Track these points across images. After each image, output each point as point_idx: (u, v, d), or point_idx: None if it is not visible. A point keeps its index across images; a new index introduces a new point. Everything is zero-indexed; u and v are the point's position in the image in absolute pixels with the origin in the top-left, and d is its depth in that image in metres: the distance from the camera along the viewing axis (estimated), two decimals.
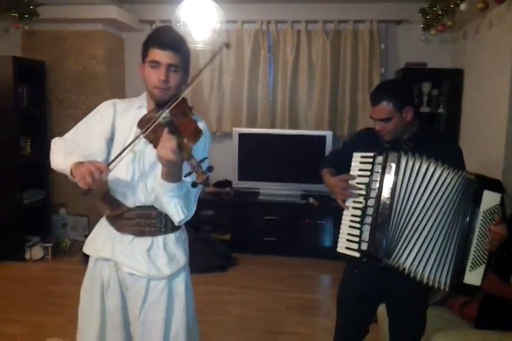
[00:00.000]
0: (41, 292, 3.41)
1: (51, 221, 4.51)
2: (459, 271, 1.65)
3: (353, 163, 1.79)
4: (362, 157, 1.77)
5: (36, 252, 4.15)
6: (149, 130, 1.48)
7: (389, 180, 1.68)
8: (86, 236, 4.41)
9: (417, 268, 1.67)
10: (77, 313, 1.74)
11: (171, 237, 1.68)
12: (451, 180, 1.65)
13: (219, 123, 4.76)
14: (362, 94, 4.49)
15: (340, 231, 1.79)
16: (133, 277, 1.63)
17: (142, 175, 1.61)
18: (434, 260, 1.67)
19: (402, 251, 1.68)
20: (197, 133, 1.44)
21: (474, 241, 1.64)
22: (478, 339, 2.03)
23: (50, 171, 1.75)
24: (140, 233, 1.64)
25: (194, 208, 1.61)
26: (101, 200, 1.70)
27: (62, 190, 4.56)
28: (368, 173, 1.73)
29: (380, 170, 1.69)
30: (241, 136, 4.48)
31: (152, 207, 1.60)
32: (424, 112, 4.27)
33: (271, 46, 4.60)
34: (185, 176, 1.40)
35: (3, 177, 4.02)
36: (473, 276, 1.64)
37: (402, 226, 1.68)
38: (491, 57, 3.46)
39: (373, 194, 1.70)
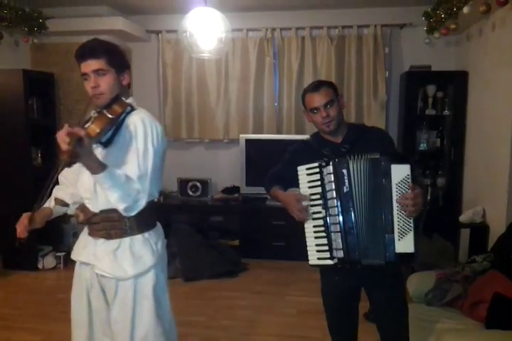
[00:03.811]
0: (54, 300, 3.46)
1: (63, 230, 4.57)
2: (388, 242, 1.71)
3: (300, 177, 1.83)
4: (307, 168, 1.81)
5: (49, 261, 4.21)
6: None
7: (344, 185, 1.74)
8: None
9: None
10: None
11: (138, 238, 1.72)
12: (363, 165, 1.74)
13: (226, 130, 4.80)
14: (367, 98, 4.52)
15: (307, 244, 1.83)
16: (105, 278, 1.71)
17: None
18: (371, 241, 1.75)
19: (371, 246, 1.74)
20: (95, 124, 1.49)
21: (395, 212, 1.70)
22: (488, 340, 2.04)
23: (57, 182, 1.83)
24: (108, 236, 1.70)
25: (144, 196, 1.60)
26: (78, 208, 1.78)
27: None
28: (318, 183, 1.78)
29: (332, 179, 1.74)
30: (248, 142, 4.52)
31: (114, 210, 1.63)
32: (430, 115, 4.29)
33: (276, 53, 4.65)
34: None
35: (15, 188, 4.09)
36: (405, 245, 1.70)
37: (363, 224, 1.75)
38: (494, 58, 3.47)
39: (334, 202, 1.75)
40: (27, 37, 4.10)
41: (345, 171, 1.74)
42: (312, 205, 1.79)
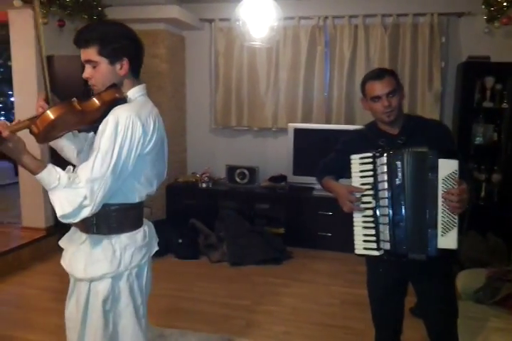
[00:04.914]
0: None
1: None
2: (431, 237, 1.69)
3: (352, 166, 1.82)
4: (361, 158, 1.80)
5: None
6: None
7: (397, 178, 1.72)
8: None
9: None
10: None
11: (102, 241, 1.55)
12: (412, 158, 1.72)
13: (275, 119, 4.83)
14: (421, 88, 4.41)
15: (354, 233, 1.82)
16: None
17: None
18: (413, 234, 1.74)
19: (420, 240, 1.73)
20: (40, 119, 1.36)
21: (439, 207, 1.68)
22: None
23: None
24: (79, 227, 1.59)
25: (92, 203, 1.39)
26: None
27: None
28: (371, 173, 1.77)
29: (385, 170, 1.73)
30: (296, 131, 4.52)
31: None
32: (487, 107, 4.14)
33: (327, 42, 4.60)
34: None
35: None
36: (447, 240, 1.68)
37: (411, 218, 1.73)
38: None
39: (385, 194, 1.74)
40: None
41: (399, 163, 1.72)
42: (363, 195, 1.79)
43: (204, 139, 5.19)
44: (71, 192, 1.36)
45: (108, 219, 1.52)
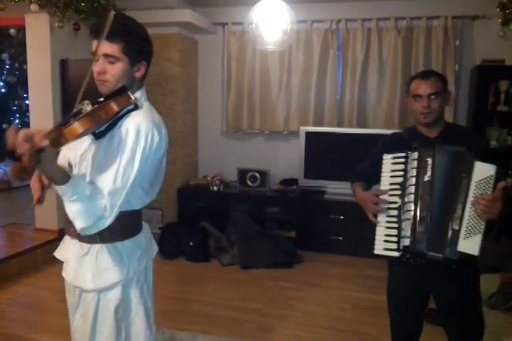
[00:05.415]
0: None
1: None
2: (452, 238, 1.65)
3: (384, 165, 1.81)
4: (393, 158, 1.79)
5: None
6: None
7: (426, 174, 1.71)
8: (160, 228, 4.66)
9: None
10: None
11: (108, 248, 1.51)
12: (447, 156, 1.71)
13: (286, 122, 4.82)
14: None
15: (376, 233, 1.81)
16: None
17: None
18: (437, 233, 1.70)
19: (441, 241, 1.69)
20: (81, 122, 1.24)
21: (467, 209, 1.65)
22: None
23: None
24: (79, 238, 1.51)
25: (111, 214, 1.35)
26: None
27: None
28: (401, 173, 1.76)
29: (415, 166, 1.73)
30: (308, 134, 4.52)
31: None
32: (501, 111, 4.10)
33: (340, 45, 4.59)
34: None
35: None
36: (469, 245, 1.63)
37: (436, 216, 1.70)
38: None
39: (411, 189, 1.73)
40: None
41: (429, 160, 1.72)
42: (390, 195, 1.78)
43: (216, 142, 5.21)
44: (92, 204, 1.31)
45: (112, 227, 1.43)
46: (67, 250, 1.58)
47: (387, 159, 1.80)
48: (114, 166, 1.37)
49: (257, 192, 4.70)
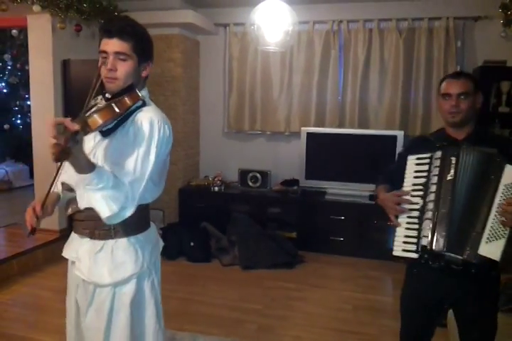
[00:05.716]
0: None
1: None
2: (474, 241, 1.62)
3: (408, 166, 1.80)
4: (418, 158, 1.78)
5: None
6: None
7: (449, 173, 1.69)
8: (162, 229, 4.65)
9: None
10: None
11: (123, 242, 1.56)
12: (475, 157, 1.68)
13: (287, 123, 4.83)
14: (436, 93, 4.35)
15: (396, 234, 1.78)
16: (85, 280, 1.58)
17: None
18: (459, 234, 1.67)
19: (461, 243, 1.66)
20: (99, 114, 1.30)
21: (493, 213, 1.61)
22: None
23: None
24: (92, 235, 1.55)
25: (132, 203, 1.43)
26: (70, 199, 1.59)
27: None
28: (425, 174, 1.75)
29: (439, 164, 1.71)
30: (309, 135, 4.52)
31: None
32: (503, 112, 4.09)
33: (341, 46, 4.60)
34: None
35: None
36: (490, 249, 1.60)
37: (457, 216, 1.67)
38: None
39: (433, 188, 1.71)
40: None
41: (453, 159, 1.69)
42: (412, 196, 1.76)
43: (217, 143, 5.21)
44: (117, 192, 1.37)
45: (126, 222, 1.48)
46: (78, 249, 1.60)
47: (411, 160, 1.79)
48: (133, 158, 1.44)
49: (258, 192, 4.70)
